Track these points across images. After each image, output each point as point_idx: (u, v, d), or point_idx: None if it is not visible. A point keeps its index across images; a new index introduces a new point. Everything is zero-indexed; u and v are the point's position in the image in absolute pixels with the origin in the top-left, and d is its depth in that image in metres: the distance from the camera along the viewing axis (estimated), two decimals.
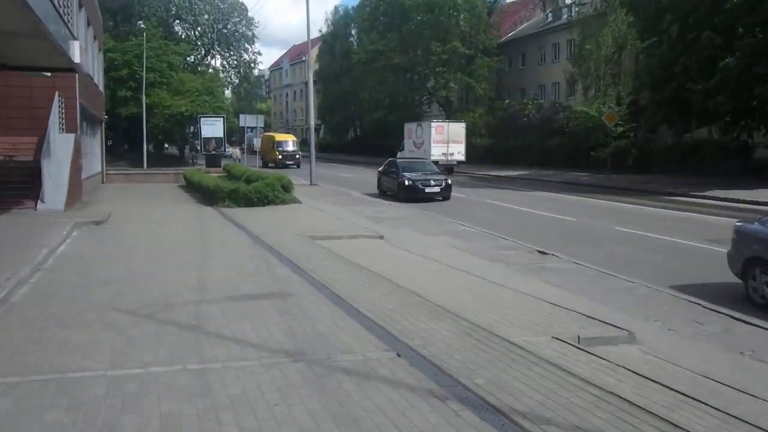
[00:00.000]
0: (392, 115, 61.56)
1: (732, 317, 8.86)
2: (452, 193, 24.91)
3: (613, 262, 12.51)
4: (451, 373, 5.82)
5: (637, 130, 39.23)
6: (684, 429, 4.77)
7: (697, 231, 16.11)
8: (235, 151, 50.84)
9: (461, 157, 40.66)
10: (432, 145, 40.01)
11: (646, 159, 36.27)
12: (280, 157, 50.32)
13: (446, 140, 40.27)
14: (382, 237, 14.95)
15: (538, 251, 13.71)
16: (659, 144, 37.02)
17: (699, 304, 9.49)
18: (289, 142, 53.24)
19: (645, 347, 7.46)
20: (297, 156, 51.00)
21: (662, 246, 14.32)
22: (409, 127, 44.33)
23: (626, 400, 5.33)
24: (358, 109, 75.04)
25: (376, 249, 13.59)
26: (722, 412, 5.38)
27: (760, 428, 5.04)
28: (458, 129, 41.36)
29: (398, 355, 6.30)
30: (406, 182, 24.65)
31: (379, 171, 28.18)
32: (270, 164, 47.35)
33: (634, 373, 6.30)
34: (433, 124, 41.62)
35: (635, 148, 37.26)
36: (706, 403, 5.55)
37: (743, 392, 6.19)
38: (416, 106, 65.88)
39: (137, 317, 7.61)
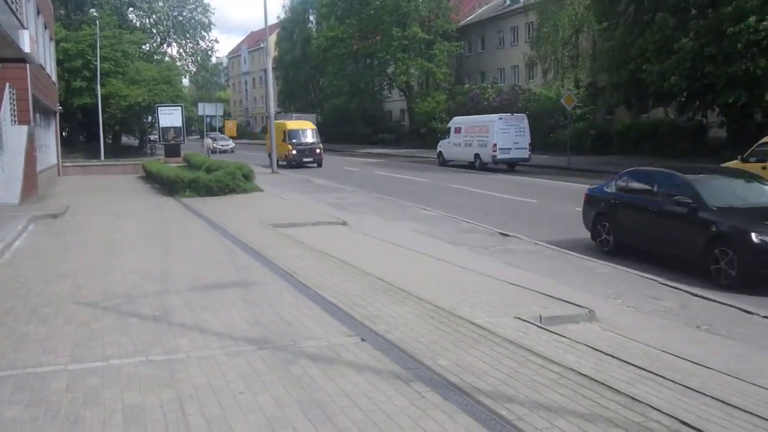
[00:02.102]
0: (353, 101, 61.37)
1: (688, 293, 9.10)
2: (412, 178, 24.93)
3: (574, 243, 12.72)
4: (415, 355, 5.86)
5: (596, 112, 39.79)
6: (643, 402, 4.88)
7: None
8: (207, 142, 44.72)
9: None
10: None
11: (605, 140, 36.80)
12: (294, 152, 35.94)
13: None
14: (345, 223, 14.95)
15: (500, 233, 13.85)
16: (617, 125, 37.58)
17: (657, 281, 9.71)
18: (308, 131, 37.55)
19: (605, 324, 7.63)
20: (318, 150, 36.57)
21: None
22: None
23: (586, 376, 5.44)
24: (319, 96, 74.58)
25: (340, 235, 13.59)
26: (679, 384, 5.53)
27: (715, 399, 5.19)
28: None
29: (363, 340, 6.33)
30: None
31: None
32: (281, 161, 35.05)
33: (594, 349, 6.44)
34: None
35: (594, 129, 37.78)
36: (663, 377, 5.69)
37: (700, 365, 6.37)
38: (377, 92, 65.78)
39: (98, 310, 7.50)
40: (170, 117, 38.42)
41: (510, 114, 33.11)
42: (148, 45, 61.59)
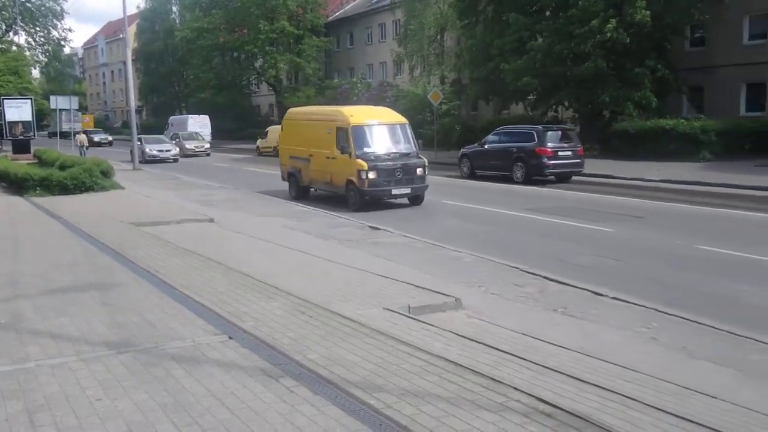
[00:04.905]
0: (220, 95, 59.85)
1: (546, 278, 9.56)
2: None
3: (443, 234, 13.07)
4: (284, 351, 5.80)
5: (461, 108, 41.06)
6: (504, 383, 5.08)
7: (517, 202, 17.21)
8: (81, 138, 39.86)
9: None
10: None
11: (470, 135, 38.05)
12: (372, 174, 16.36)
13: None
14: (212, 220, 14.56)
15: (370, 227, 13.99)
16: (481, 121, 39.00)
17: (518, 268, 10.14)
18: (397, 129, 18.04)
19: (470, 311, 7.88)
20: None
21: (488, 217, 15.14)
22: None
23: (453, 362, 5.59)
24: (184, 90, 72.15)
25: (207, 233, 13.21)
26: (539, 365, 5.80)
27: (569, 376, 5.49)
28: None
29: (230, 338, 6.18)
30: None
31: None
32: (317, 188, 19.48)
33: (460, 336, 6.63)
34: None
35: (459, 125, 38.98)
36: (524, 358, 5.96)
37: (557, 345, 6.71)
38: (245, 86, 64.56)
39: None
40: (18, 111, 35.69)
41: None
42: None
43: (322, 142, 17.68)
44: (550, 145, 21.58)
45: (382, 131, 17.41)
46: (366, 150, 16.57)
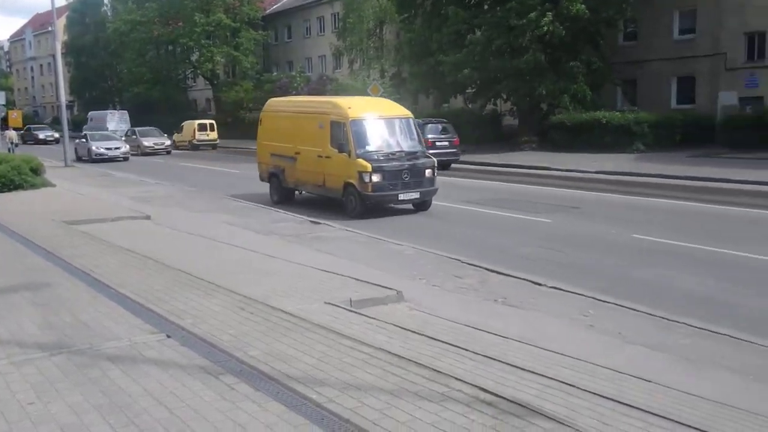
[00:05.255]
0: (155, 89, 58.44)
1: (486, 269, 9.69)
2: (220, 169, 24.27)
3: (387, 228, 13.10)
4: (224, 348, 5.71)
5: (401, 102, 41.10)
6: (446, 374, 5.12)
7: (457, 194, 17.36)
8: (11, 134, 37.15)
9: None
10: None
11: None
12: (376, 177, 14.22)
13: None
14: (148, 217, 14.21)
15: (311, 221, 13.91)
16: (421, 114, 39.16)
17: (459, 260, 10.24)
18: (409, 123, 15.83)
19: (412, 304, 7.92)
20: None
21: (431, 210, 15.21)
22: None
23: (395, 354, 5.61)
24: (117, 84, 70.24)
25: (143, 230, 12.91)
26: (480, 355, 5.87)
27: (510, 365, 5.58)
28: None
29: (168, 336, 6.05)
30: None
31: None
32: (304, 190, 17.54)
33: (402, 328, 6.66)
34: None
35: None
36: (466, 349, 6.02)
37: (498, 335, 6.82)
38: (181, 80, 63.26)
39: None
40: None
41: None
42: None
43: (313, 138, 15.44)
44: (429, 136, 23.02)
45: (385, 126, 15.18)
46: (368, 148, 14.44)
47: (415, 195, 14.73)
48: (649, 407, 4.70)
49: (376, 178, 14.10)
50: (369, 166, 14.07)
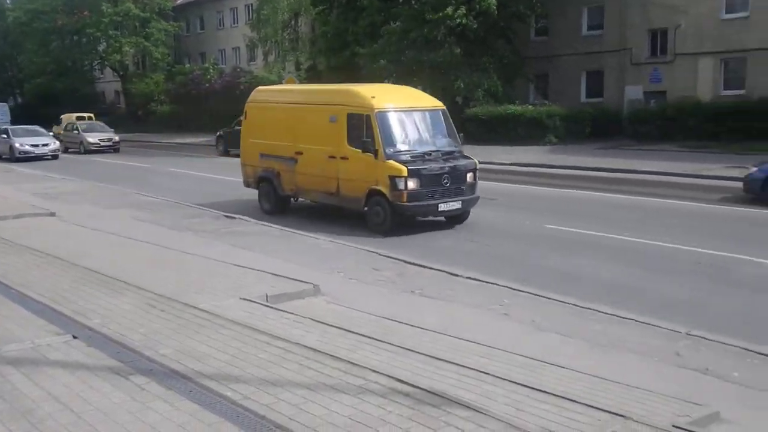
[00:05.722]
0: (59, 81, 55.88)
1: (404, 261, 9.74)
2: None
3: (301, 222, 12.98)
4: (134, 347, 5.51)
5: None
6: (363, 366, 5.11)
7: None
8: None
9: None
10: None
11: None
12: (413, 183, 11.70)
13: None
14: (53, 214, 13.58)
15: (225, 216, 13.60)
16: None
17: (376, 253, 10.26)
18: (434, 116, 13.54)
19: (329, 297, 7.88)
20: None
21: None
22: None
23: (312, 348, 5.55)
24: (18, 75, 66.79)
25: (47, 227, 12.32)
26: (396, 346, 5.89)
27: (427, 355, 5.62)
28: None
29: (74, 337, 5.79)
30: None
31: None
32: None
33: (319, 322, 6.61)
34: None
35: None
36: (383, 341, 6.03)
37: (415, 326, 6.85)
38: (87, 72, 60.76)
39: None
40: None
41: None
42: None
43: (321, 134, 12.68)
44: None
45: (417, 120, 12.40)
46: (400, 147, 11.81)
47: (456, 205, 12.04)
48: (562, 392, 4.82)
49: (412, 184, 11.49)
50: (404, 170, 11.42)
